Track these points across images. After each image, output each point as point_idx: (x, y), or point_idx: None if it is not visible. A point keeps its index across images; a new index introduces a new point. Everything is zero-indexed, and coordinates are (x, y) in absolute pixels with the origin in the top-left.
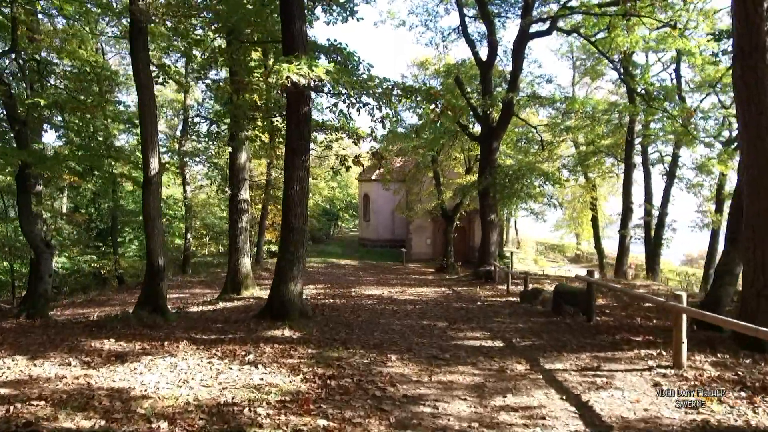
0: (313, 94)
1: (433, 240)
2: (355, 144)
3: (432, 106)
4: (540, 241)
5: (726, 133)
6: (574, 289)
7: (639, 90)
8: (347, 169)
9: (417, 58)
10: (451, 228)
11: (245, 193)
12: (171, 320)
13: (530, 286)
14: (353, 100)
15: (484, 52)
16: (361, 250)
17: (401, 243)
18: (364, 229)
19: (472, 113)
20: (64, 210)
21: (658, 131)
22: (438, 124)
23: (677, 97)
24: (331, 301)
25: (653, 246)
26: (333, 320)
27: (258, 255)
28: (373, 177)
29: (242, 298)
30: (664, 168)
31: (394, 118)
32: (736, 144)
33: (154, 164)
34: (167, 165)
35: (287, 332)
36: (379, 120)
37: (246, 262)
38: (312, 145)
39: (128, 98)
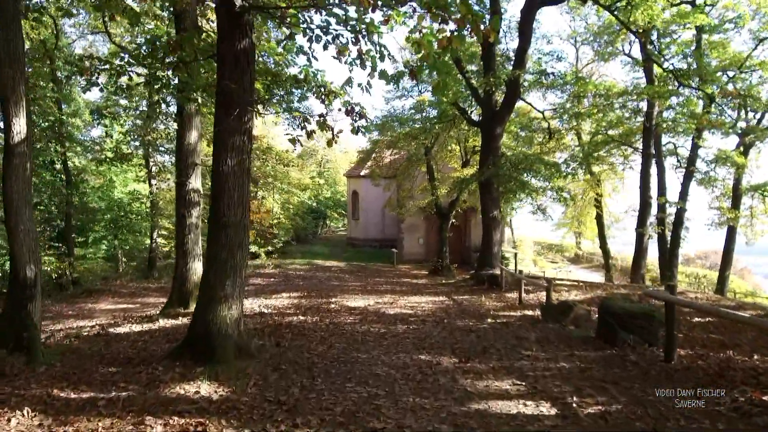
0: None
1: (426, 239)
2: (324, 103)
3: (439, 26)
4: (537, 240)
5: (742, 124)
6: (633, 309)
7: (665, 66)
8: (309, 135)
9: (410, 37)
10: (447, 226)
11: (196, 182)
12: (42, 363)
13: (554, 297)
14: (316, 29)
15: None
16: (349, 251)
17: (392, 243)
18: (352, 229)
19: (471, 96)
20: None
21: (678, 117)
22: (447, 59)
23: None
24: (301, 318)
25: (671, 246)
26: (289, 358)
27: None
28: (362, 173)
29: (189, 313)
30: (678, 161)
31: (378, 55)
32: None
33: (19, 127)
34: (129, 155)
35: (206, 387)
36: (357, 59)
37: (197, 268)
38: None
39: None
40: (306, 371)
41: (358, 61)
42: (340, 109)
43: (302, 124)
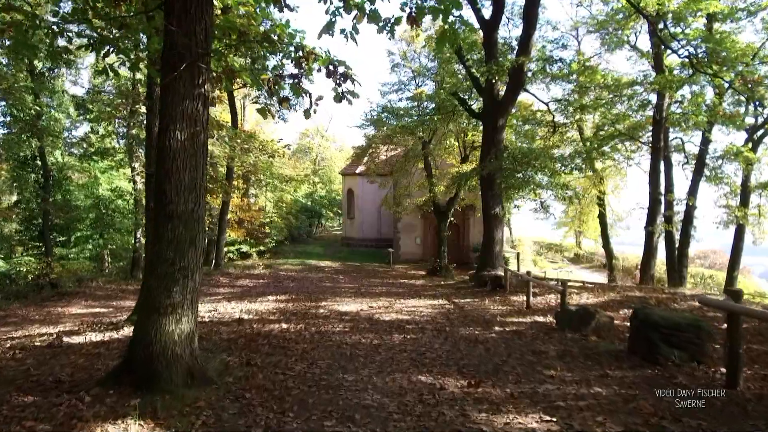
0: None
1: (423, 239)
2: (299, 66)
3: None
4: (536, 240)
5: (750, 120)
6: (677, 320)
7: (681, 52)
8: (281, 102)
9: (405, 30)
10: (445, 225)
11: None
12: None
13: (569, 303)
14: None
15: (487, 12)
16: (344, 251)
17: (388, 242)
18: (347, 228)
19: (473, 86)
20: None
21: (689, 108)
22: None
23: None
24: (284, 326)
25: (680, 245)
26: (258, 382)
27: (218, 257)
28: (357, 170)
29: None
30: (686, 157)
31: None
32: None
33: None
34: (112, 149)
35: (136, 429)
36: (340, 4)
37: None
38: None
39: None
40: (276, 401)
41: (341, 7)
42: (319, 70)
43: (272, 88)
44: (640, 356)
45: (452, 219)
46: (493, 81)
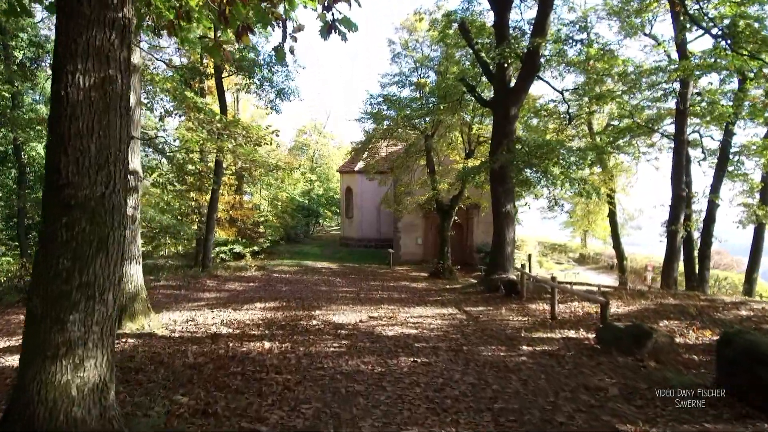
0: None
1: (424, 239)
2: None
3: None
4: (540, 240)
5: None
6: None
7: (714, 32)
8: (240, 35)
9: (407, 18)
10: (448, 224)
11: (134, 160)
12: None
13: (609, 316)
14: None
15: None
16: (342, 251)
17: (388, 242)
18: (346, 228)
19: (482, 72)
20: None
21: (714, 95)
22: None
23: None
24: (267, 345)
25: (701, 245)
26: None
27: (205, 259)
28: (356, 168)
29: (121, 334)
30: (703, 152)
31: None
32: None
33: None
34: None
35: None
36: None
37: (134, 274)
38: None
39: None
40: None
41: None
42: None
43: (226, 12)
44: (740, 399)
45: (455, 218)
46: (505, 65)
